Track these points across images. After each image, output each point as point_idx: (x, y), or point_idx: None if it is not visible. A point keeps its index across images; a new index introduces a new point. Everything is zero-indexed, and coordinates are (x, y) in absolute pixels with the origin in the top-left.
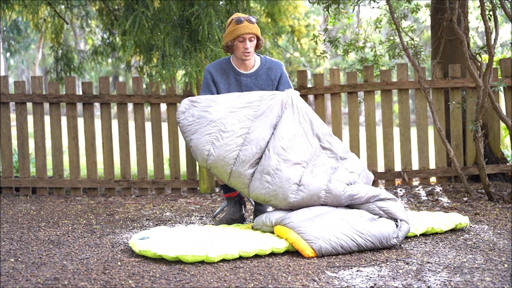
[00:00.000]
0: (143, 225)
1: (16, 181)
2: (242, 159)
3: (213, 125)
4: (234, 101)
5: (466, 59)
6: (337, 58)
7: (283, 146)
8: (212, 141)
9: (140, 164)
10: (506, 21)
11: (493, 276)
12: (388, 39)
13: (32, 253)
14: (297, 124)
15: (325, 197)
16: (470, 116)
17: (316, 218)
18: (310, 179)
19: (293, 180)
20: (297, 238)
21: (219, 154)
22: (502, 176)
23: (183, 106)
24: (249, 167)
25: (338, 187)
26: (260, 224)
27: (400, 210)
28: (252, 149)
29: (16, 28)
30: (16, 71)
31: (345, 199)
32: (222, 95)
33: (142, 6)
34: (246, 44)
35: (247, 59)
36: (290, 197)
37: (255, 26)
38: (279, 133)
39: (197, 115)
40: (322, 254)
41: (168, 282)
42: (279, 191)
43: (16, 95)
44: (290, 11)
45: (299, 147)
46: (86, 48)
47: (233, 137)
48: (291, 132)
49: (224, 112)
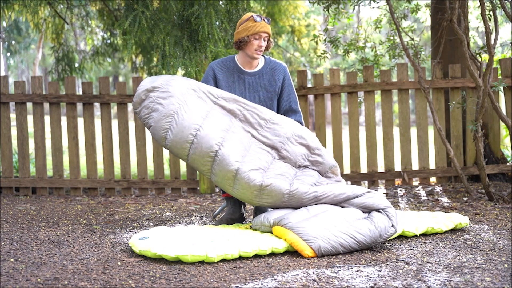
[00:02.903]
0: (143, 225)
1: (16, 181)
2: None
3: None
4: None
5: (466, 59)
6: (337, 58)
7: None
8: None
9: (140, 164)
10: (506, 21)
11: (493, 276)
12: (388, 39)
13: (32, 253)
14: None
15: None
16: (470, 116)
17: (313, 218)
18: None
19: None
20: (296, 239)
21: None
22: (502, 176)
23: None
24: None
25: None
26: (258, 224)
27: (378, 199)
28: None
29: (16, 28)
30: (16, 71)
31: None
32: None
33: (141, 6)
34: (261, 42)
35: (258, 57)
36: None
37: (270, 27)
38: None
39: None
40: (322, 253)
41: (168, 282)
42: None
43: (16, 95)
44: (290, 11)
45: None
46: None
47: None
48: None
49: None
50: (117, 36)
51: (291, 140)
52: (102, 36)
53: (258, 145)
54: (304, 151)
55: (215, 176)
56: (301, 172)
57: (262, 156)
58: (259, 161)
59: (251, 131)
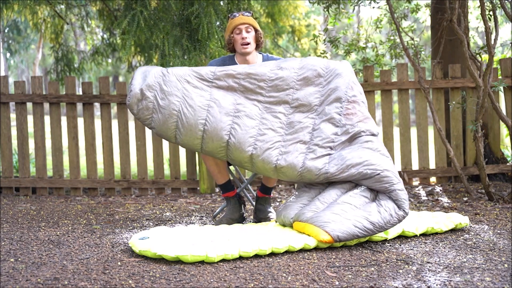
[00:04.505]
0: (143, 225)
1: (16, 181)
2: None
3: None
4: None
5: (466, 59)
6: (337, 58)
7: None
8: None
9: (140, 164)
10: (506, 21)
11: (493, 276)
12: (389, 39)
13: (32, 253)
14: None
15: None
16: (470, 116)
17: (326, 209)
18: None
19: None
20: (312, 228)
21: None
22: (502, 176)
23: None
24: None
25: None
26: (281, 222)
27: (379, 160)
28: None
29: (16, 28)
30: (16, 71)
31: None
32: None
33: (140, 6)
34: (242, 34)
35: (247, 50)
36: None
37: (250, 18)
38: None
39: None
40: (338, 236)
41: (168, 282)
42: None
43: (16, 95)
44: (290, 11)
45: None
46: (86, 48)
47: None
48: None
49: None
50: (116, 36)
51: (295, 88)
52: (102, 36)
53: (268, 109)
54: (312, 90)
55: (232, 160)
56: (317, 131)
57: (275, 123)
58: (273, 134)
59: (257, 97)
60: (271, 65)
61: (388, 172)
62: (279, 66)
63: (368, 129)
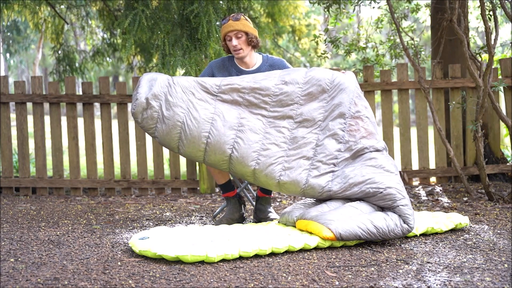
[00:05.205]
0: (143, 225)
1: (16, 181)
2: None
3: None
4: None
5: (466, 59)
6: (337, 58)
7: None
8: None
9: (140, 164)
10: (506, 21)
11: (493, 276)
12: (389, 39)
13: (32, 253)
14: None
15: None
16: (470, 116)
17: (332, 210)
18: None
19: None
20: (314, 225)
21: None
22: (502, 176)
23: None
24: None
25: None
26: (284, 221)
27: (383, 179)
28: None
29: (16, 28)
30: (16, 71)
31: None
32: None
33: (141, 5)
34: (232, 42)
35: (239, 56)
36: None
37: (240, 23)
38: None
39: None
40: (340, 234)
41: (168, 282)
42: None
43: (16, 95)
44: (290, 11)
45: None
46: (86, 48)
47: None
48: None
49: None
50: (117, 36)
51: (299, 103)
52: (102, 36)
53: (272, 124)
54: (316, 105)
55: (235, 173)
56: (321, 147)
57: (278, 138)
58: (276, 149)
59: (261, 112)
60: (276, 79)
61: (390, 189)
62: (284, 81)
63: (371, 145)
